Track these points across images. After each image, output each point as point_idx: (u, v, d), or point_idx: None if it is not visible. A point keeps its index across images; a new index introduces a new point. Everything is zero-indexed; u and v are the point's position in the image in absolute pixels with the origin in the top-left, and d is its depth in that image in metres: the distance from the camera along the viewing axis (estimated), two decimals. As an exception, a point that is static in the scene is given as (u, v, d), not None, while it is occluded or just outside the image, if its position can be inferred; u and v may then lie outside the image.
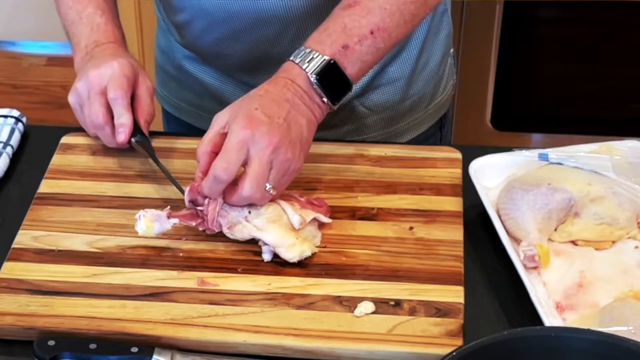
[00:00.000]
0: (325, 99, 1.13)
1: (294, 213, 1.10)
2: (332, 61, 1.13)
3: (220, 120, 1.11)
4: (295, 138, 1.10)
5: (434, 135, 1.47)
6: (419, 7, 1.19)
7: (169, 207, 1.12)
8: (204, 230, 1.12)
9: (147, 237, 1.11)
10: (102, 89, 1.21)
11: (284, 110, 1.10)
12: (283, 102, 1.11)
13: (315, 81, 1.12)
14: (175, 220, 1.11)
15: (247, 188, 1.08)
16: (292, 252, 1.08)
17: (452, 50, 1.47)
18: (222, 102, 1.37)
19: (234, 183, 1.09)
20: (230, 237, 1.11)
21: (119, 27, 1.31)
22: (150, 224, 1.11)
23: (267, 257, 1.10)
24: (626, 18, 2.21)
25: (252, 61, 1.33)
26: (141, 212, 1.11)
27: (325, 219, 1.13)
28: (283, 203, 1.12)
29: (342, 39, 1.14)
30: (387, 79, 1.37)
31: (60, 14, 1.32)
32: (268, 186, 1.09)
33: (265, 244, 1.09)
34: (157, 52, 1.49)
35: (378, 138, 1.40)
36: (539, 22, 2.25)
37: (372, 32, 1.15)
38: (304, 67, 1.13)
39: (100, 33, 1.28)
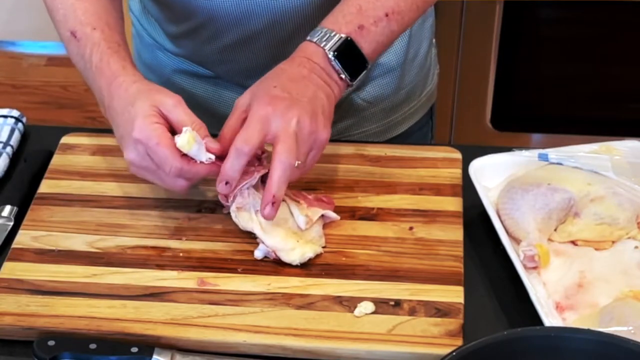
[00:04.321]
0: (343, 75, 1.14)
1: (299, 214, 1.11)
2: (349, 38, 1.14)
3: (240, 103, 1.11)
4: (317, 110, 1.10)
5: (427, 124, 1.51)
6: None
7: (209, 138, 1.09)
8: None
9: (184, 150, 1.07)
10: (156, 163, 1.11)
11: (302, 86, 1.10)
12: (300, 79, 1.11)
13: (333, 57, 1.13)
14: (211, 156, 1.08)
15: (278, 159, 1.05)
16: (293, 256, 1.08)
17: (434, 40, 1.50)
18: (214, 115, 1.37)
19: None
20: (234, 218, 1.11)
21: (115, 51, 1.17)
22: (192, 142, 1.07)
23: (258, 254, 1.10)
24: (626, 18, 2.21)
25: (258, 67, 1.33)
26: (189, 127, 1.08)
27: (333, 215, 1.13)
28: (291, 204, 1.12)
29: (357, 19, 1.15)
30: (381, 70, 1.38)
31: (74, 64, 1.24)
32: (296, 163, 1.07)
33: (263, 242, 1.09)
34: (141, 68, 1.44)
35: (377, 130, 1.42)
36: (539, 22, 2.25)
37: (387, 15, 1.17)
38: (321, 44, 1.13)
39: (100, 76, 1.17)
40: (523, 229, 1.10)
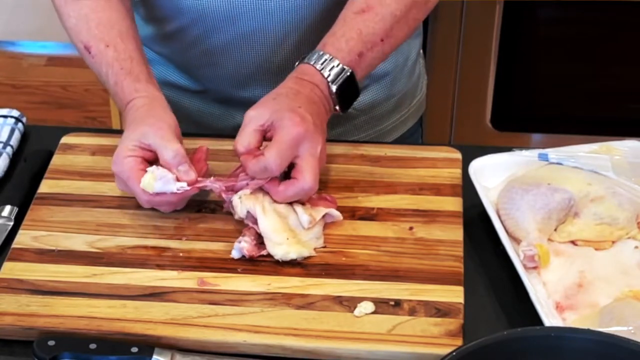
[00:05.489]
0: (337, 107, 1.17)
1: (303, 213, 1.11)
2: (350, 72, 1.15)
3: (259, 118, 1.11)
4: (324, 136, 1.13)
5: (417, 132, 1.52)
6: (420, 11, 1.21)
7: (183, 168, 1.12)
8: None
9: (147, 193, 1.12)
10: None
11: (316, 111, 1.13)
12: (313, 104, 1.13)
13: (335, 90, 1.15)
14: (183, 185, 1.11)
15: (308, 180, 1.09)
16: (277, 250, 1.09)
17: (421, 51, 1.50)
18: (200, 126, 1.37)
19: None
20: (232, 207, 1.12)
21: (128, 72, 1.19)
22: (152, 182, 1.11)
23: (234, 253, 1.10)
24: (626, 18, 2.21)
25: (243, 76, 1.33)
26: (153, 168, 1.12)
27: (336, 214, 1.14)
28: (295, 204, 1.12)
29: (358, 46, 1.17)
30: (372, 78, 1.38)
31: (94, 70, 1.24)
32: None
33: (237, 240, 1.10)
34: None
35: (367, 138, 1.42)
36: (539, 22, 2.25)
37: (382, 40, 1.18)
38: (325, 75, 1.15)
39: (117, 99, 1.22)
40: (523, 229, 1.10)
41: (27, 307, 1.05)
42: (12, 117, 1.33)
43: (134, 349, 1.00)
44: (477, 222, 1.16)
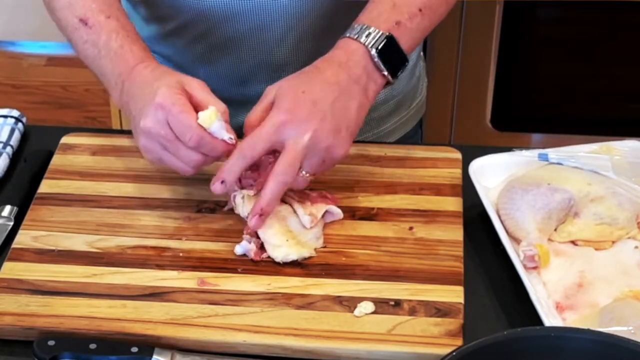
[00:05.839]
0: (385, 73, 1.12)
1: (304, 213, 1.11)
2: (390, 34, 1.12)
3: (269, 92, 1.10)
4: (340, 123, 1.08)
5: (416, 134, 1.51)
6: None
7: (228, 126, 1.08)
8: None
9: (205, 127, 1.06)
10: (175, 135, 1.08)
11: (331, 95, 1.09)
12: (333, 85, 1.09)
13: (376, 54, 1.11)
14: (232, 137, 1.07)
15: (276, 172, 1.06)
16: (276, 253, 1.09)
17: (422, 53, 1.49)
18: None
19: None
20: (236, 203, 1.11)
21: (135, 40, 1.17)
22: (214, 117, 1.06)
23: (238, 250, 1.10)
24: (626, 18, 2.20)
25: (246, 71, 1.32)
26: (213, 107, 1.07)
27: (337, 211, 1.14)
28: (295, 205, 1.12)
29: (394, 15, 1.14)
30: None
31: (78, 52, 1.21)
32: (304, 173, 1.08)
33: (246, 239, 1.10)
34: None
35: (367, 140, 1.41)
36: (539, 22, 2.25)
37: (420, 10, 1.15)
38: (362, 41, 1.11)
39: (120, 62, 1.15)
40: (523, 229, 1.10)
41: (27, 307, 1.05)
42: (12, 117, 1.33)
43: (134, 349, 1.00)
44: (477, 222, 1.16)
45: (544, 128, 2.38)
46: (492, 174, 1.18)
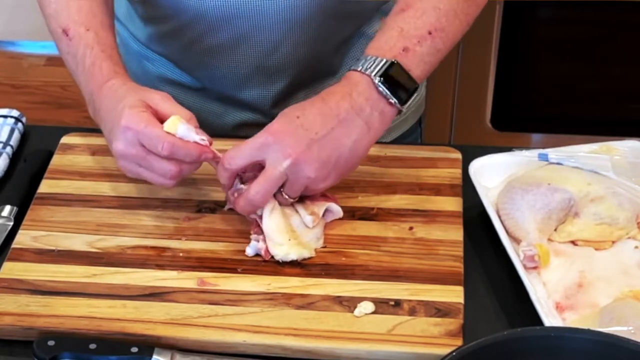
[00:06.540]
0: (392, 100, 1.10)
1: (306, 213, 1.11)
2: (394, 61, 1.10)
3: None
4: (330, 155, 1.07)
5: (415, 131, 1.50)
6: (470, 5, 1.16)
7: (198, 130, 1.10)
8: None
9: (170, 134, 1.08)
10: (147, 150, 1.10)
11: (328, 125, 1.07)
12: (331, 117, 1.08)
13: (379, 83, 1.09)
14: (204, 138, 1.09)
15: (250, 192, 1.08)
16: (277, 250, 1.09)
17: None
18: (200, 123, 1.35)
19: None
20: (234, 202, 1.11)
21: (108, 56, 1.17)
22: (177, 122, 1.08)
23: (249, 251, 1.11)
24: (626, 18, 2.21)
25: (243, 73, 1.32)
26: (176, 116, 1.09)
27: (337, 209, 1.14)
28: (296, 204, 1.12)
29: (400, 42, 1.11)
30: None
31: (64, 61, 1.22)
32: (284, 195, 1.09)
33: (255, 239, 1.10)
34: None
35: None
36: (539, 22, 2.25)
37: (430, 33, 1.12)
38: (365, 71, 1.09)
39: (90, 80, 1.17)
40: (523, 229, 1.10)
41: (26, 307, 1.05)
42: (12, 117, 1.33)
43: (134, 349, 1.00)
44: (477, 222, 1.16)
45: (544, 128, 2.38)
46: (492, 174, 1.18)
